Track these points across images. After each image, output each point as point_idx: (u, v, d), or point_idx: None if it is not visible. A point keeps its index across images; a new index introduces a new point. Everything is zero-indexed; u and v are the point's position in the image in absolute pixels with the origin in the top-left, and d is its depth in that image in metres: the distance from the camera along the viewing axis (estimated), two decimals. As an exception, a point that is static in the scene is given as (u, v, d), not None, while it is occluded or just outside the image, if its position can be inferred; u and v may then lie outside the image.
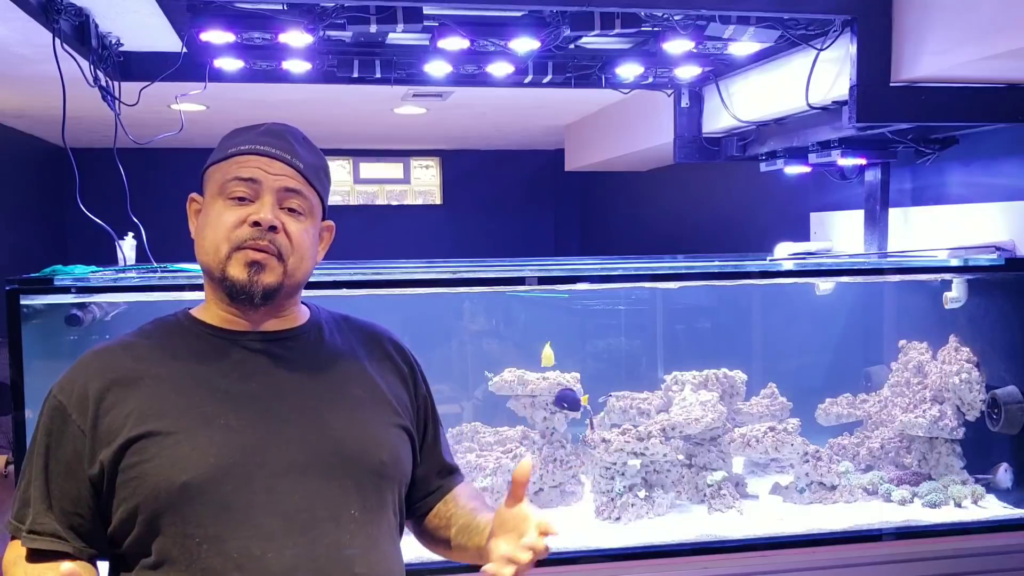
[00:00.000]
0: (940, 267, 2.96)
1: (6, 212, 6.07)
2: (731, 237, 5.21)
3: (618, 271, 2.88)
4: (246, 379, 1.42)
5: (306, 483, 1.37)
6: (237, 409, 1.39)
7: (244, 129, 1.51)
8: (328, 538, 1.36)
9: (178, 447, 1.33)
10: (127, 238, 2.80)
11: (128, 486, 1.33)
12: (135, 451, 1.33)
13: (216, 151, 1.49)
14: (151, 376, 1.39)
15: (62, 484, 1.37)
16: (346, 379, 1.50)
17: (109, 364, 1.41)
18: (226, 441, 1.35)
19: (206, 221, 1.44)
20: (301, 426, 1.41)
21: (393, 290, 2.70)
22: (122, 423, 1.35)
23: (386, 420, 1.50)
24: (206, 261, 1.44)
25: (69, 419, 1.37)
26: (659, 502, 2.84)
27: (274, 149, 1.45)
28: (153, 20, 2.56)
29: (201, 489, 1.32)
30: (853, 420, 3.31)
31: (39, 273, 2.36)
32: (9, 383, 2.27)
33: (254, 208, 1.41)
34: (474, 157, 8.08)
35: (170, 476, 1.32)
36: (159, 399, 1.37)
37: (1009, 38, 2.26)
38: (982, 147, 3.16)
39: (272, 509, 1.34)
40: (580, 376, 3.02)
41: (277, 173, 1.43)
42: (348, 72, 3.08)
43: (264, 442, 1.37)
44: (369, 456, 1.44)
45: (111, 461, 1.34)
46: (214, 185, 1.45)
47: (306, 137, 1.53)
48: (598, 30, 2.61)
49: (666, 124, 3.93)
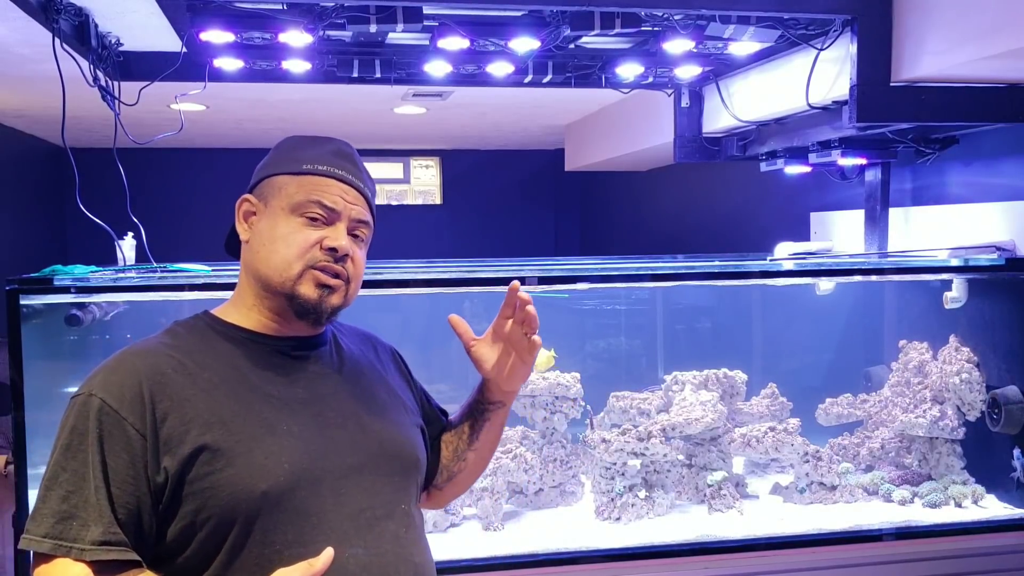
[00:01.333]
0: (940, 267, 2.96)
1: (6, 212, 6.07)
2: (731, 237, 5.21)
3: (618, 271, 2.88)
4: (292, 385, 1.45)
5: (363, 483, 1.42)
6: (292, 415, 1.41)
7: (311, 142, 1.51)
8: (389, 533, 1.42)
9: (252, 456, 1.33)
10: (127, 238, 2.80)
11: (199, 496, 1.30)
12: (204, 461, 1.31)
13: (282, 160, 1.49)
14: (203, 380, 1.38)
15: (119, 493, 1.30)
16: (371, 383, 1.56)
17: (156, 366, 1.37)
18: (293, 448, 1.37)
19: (275, 234, 1.44)
20: (348, 429, 1.45)
21: (393, 290, 2.70)
22: (184, 430, 1.32)
23: (408, 420, 1.59)
24: (269, 274, 1.44)
25: (124, 422, 1.31)
26: (659, 502, 2.84)
27: (350, 175, 1.49)
28: (153, 20, 2.56)
29: (280, 497, 1.33)
30: (853, 420, 3.31)
31: (39, 273, 2.36)
32: (9, 383, 2.27)
33: (329, 233, 1.44)
34: (474, 157, 8.08)
35: (249, 486, 1.31)
36: (218, 406, 1.36)
37: (1009, 38, 2.26)
38: (982, 147, 3.16)
39: (340, 511, 1.38)
40: (580, 376, 3.02)
41: (352, 203, 1.48)
42: (348, 72, 3.08)
43: (323, 446, 1.41)
44: (407, 454, 1.52)
45: (178, 470, 1.31)
46: (285, 199, 1.45)
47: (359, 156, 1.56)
48: (598, 30, 2.61)
49: (666, 124, 3.93)
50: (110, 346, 2.74)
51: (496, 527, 2.75)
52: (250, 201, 1.49)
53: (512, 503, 2.95)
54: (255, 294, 1.47)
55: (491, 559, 2.55)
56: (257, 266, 1.46)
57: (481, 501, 2.76)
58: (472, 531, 2.74)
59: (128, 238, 2.80)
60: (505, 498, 2.84)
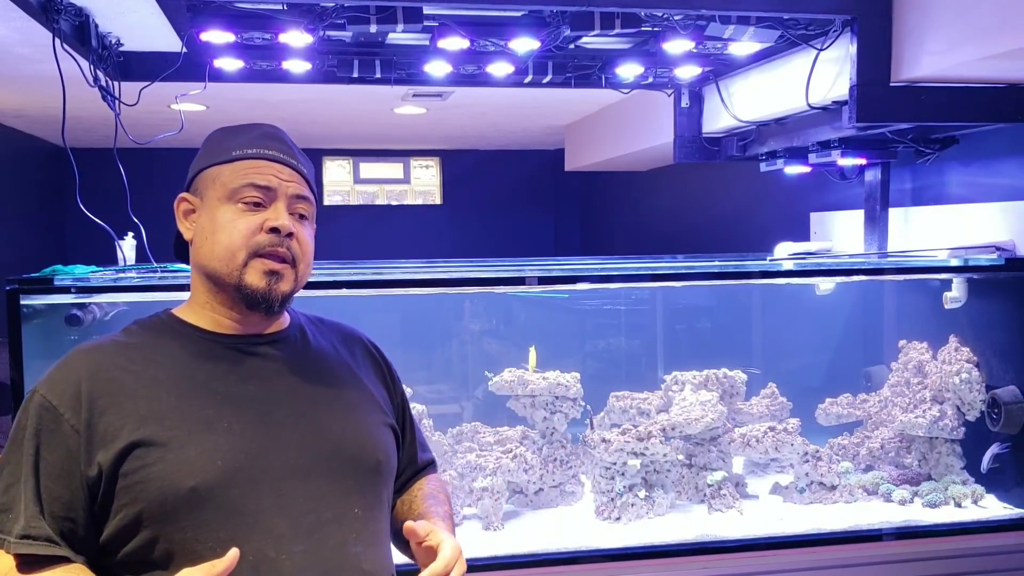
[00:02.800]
0: (940, 267, 2.96)
1: (6, 212, 6.07)
2: (731, 237, 5.21)
3: (618, 271, 2.88)
4: (243, 382, 1.42)
5: (309, 485, 1.38)
6: (237, 413, 1.38)
7: (236, 130, 1.50)
8: (334, 538, 1.37)
9: (183, 452, 1.32)
10: (127, 238, 2.80)
11: (130, 491, 1.30)
12: (137, 456, 1.30)
13: (212, 152, 1.47)
14: (147, 378, 1.37)
15: (52, 487, 1.31)
16: (336, 380, 1.51)
17: (101, 363, 1.38)
18: (231, 445, 1.35)
19: (215, 226, 1.42)
20: (299, 428, 1.41)
21: (393, 290, 2.70)
22: (120, 425, 1.32)
23: (377, 420, 1.53)
24: (215, 267, 1.42)
25: (61, 418, 1.32)
26: (659, 502, 2.84)
27: (281, 154, 1.46)
28: (153, 20, 2.56)
29: (210, 494, 1.31)
30: (853, 420, 3.31)
31: (39, 273, 2.36)
32: (9, 383, 2.27)
33: (269, 214, 1.42)
34: (474, 157, 8.09)
35: (177, 481, 1.30)
36: (157, 402, 1.35)
37: (1009, 38, 2.26)
38: (982, 147, 3.16)
39: (280, 512, 1.34)
40: (580, 376, 3.02)
41: (288, 180, 1.45)
42: (348, 72, 3.08)
43: (266, 445, 1.37)
44: (366, 456, 1.46)
45: (111, 465, 1.30)
46: (220, 188, 1.43)
47: (290, 138, 1.54)
48: (598, 30, 2.61)
49: (666, 124, 3.93)
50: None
51: (496, 527, 2.75)
52: (187, 200, 1.48)
53: (512, 503, 2.95)
54: (206, 291, 1.46)
55: (491, 559, 2.55)
56: (203, 261, 1.44)
57: (481, 501, 2.76)
58: (472, 531, 2.74)
59: (128, 238, 2.80)
60: (505, 498, 2.84)
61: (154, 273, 2.53)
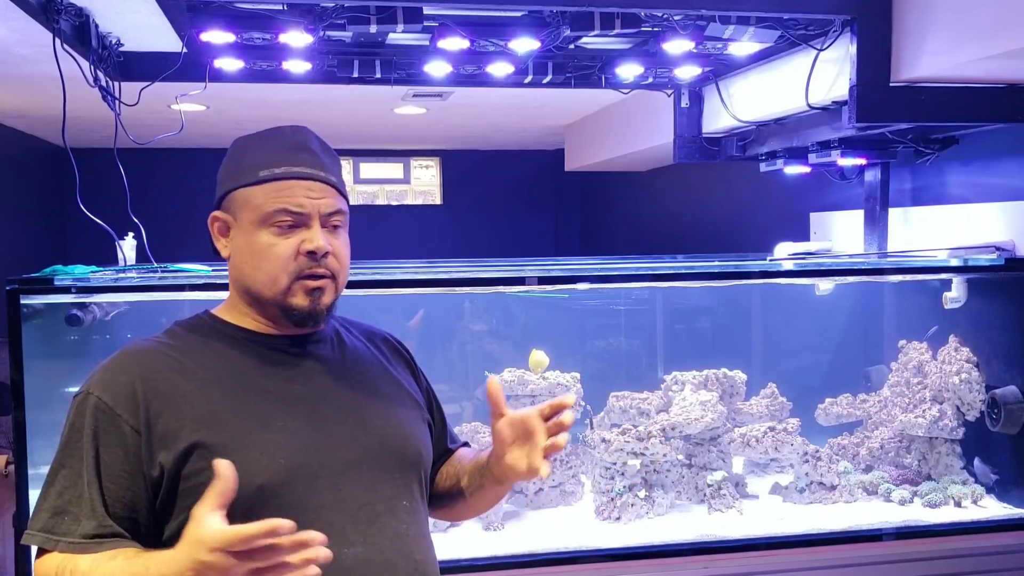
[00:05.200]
0: (940, 267, 2.96)
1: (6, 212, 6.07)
2: (731, 237, 5.21)
3: (618, 271, 2.88)
4: (289, 381, 1.45)
5: (363, 479, 1.43)
6: (288, 411, 1.41)
7: (260, 141, 1.48)
8: (390, 529, 1.43)
9: (246, 451, 1.34)
10: (127, 238, 2.80)
11: (194, 492, 1.29)
12: (199, 456, 1.32)
13: (237, 170, 1.46)
14: (198, 379, 1.39)
15: (113, 488, 1.32)
16: (374, 377, 1.56)
17: (152, 365, 1.39)
18: (289, 443, 1.38)
19: (252, 251, 1.43)
20: (347, 424, 1.45)
21: (393, 290, 2.70)
22: (178, 427, 1.34)
23: (414, 415, 1.58)
24: (259, 289, 1.44)
25: (119, 419, 1.33)
26: (659, 502, 2.84)
27: (308, 168, 1.45)
28: (153, 20, 2.56)
29: (276, 492, 1.34)
30: (853, 420, 3.31)
31: (39, 273, 2.36)
32: (9, 383, 2.27)
33: (306, 235, 1.43)
34: (474, 157, 8.08)
35: (244, 481, 1.29)
36: (212, 403, 1.37)
37: (1009, 38, 2.26)
38: (982, 147, 3.16)
39: (338, 507, 1.39)
40: (580, 376, 3.02)
41: (319, 197, 1.45)
42: (348, 72, 3.08)
43: (320, 442, 1.41)
44: (409, 450, 1.51)
45: (173, 466, 1.32)
46: (252, 212, 1.43)
47: (317, 136, 1.52)
48: (598, 30, 2.61)
49: (666, 124, 3.93)
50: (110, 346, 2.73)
51: (496, 527, 2.75)
52: (220, 218, 1.49)
53: (512, 503, 2.95)
54: (248, 303, 1.49)
55: (491, 559, 2.55)
56: (245, 282, 1.47)
57: (481, 501, 2.76)
58: (472, 531, 2.74)
59: (128, 238, 2.80)
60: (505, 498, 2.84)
61: (154, 273, 2.53)
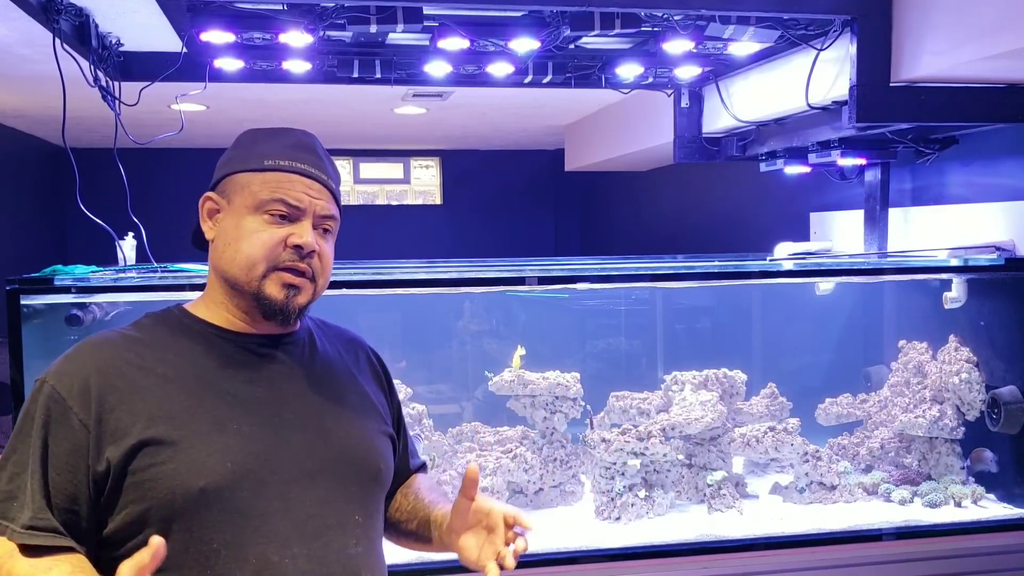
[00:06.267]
0: (940, 267, 2.96)
1: (6, 212, 6.07)
2: (731, 237, 5.21)
3: (618, 271, 2.88)
4: (251, 383, 1.43)
5: (315, 489, 1.40)
6: (246, 414, 1.39)
7: (269, 134, 1.49)
8: (337, 543, 1.39)
9: (194, 451, 1.32)
10: (127, 238, 2.80)
11: (138, 488, 1.31)
12: (147, 453, 1.31)
13: (244, 156, 1.47)
14: (157, 374, 1.38)
15: (58, 480, 1.31)
16: (341, 386, 1.53)
17: (110, 358, 1.38)
18: (240, 447, 1.36)
19: (239, 234, 1.43)
20: (306, 432, 1.43)
21: (393, 290, 2.70)
22: (130, 422, 1.32)
23: (377, 428, 1.55)
24: (235, 273, 1.43)
25: (69, 411, 1.32)
26: (659, 502, 2.84)
27: (313, 168, 1.46)
28: (153, 20, 2.56)
29: (219, 495, 1.32)
30: (853, 420, 3.31)
31: (39, 273, 2.36)
32: (9, 383, 2.27)
33: (295, 230, 1.42)
34: (474, 157, 8.08)
35: (187, 481, 1.30)
36: (168, 400, 1.36)
37: (1009, 38, 2.26)
38: (982, 147, 3.16)
39: (285, 515, 1.36)
40: (580, 376, 3.02)
41: (317, 197, 1.45)
42: (348, 72, 3.08)
43: (275, 448, 1.39)
44: (369, 463, 1.48)
45: (120, 461, 1.31)
46: (248, 197, 1.43)
47: (323, 147, 1.53)
48: (598, 30, 2.61)
49: (666, 124, 3.93)
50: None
51: (496, 527, 2.75)
52: (213, 199, 1.48)
53: (512, 503, 2.95)
54: (223, 291, 1.47)
55: (491, 559, 2.54)
56: (223, 266, 1.45)
57: (481, 501, 2.76)
58: (472, 531, 2.74)
59: (128, 238, 2.80)
60: (505, 498, 2.84)
61: (154, 273, 2.53)
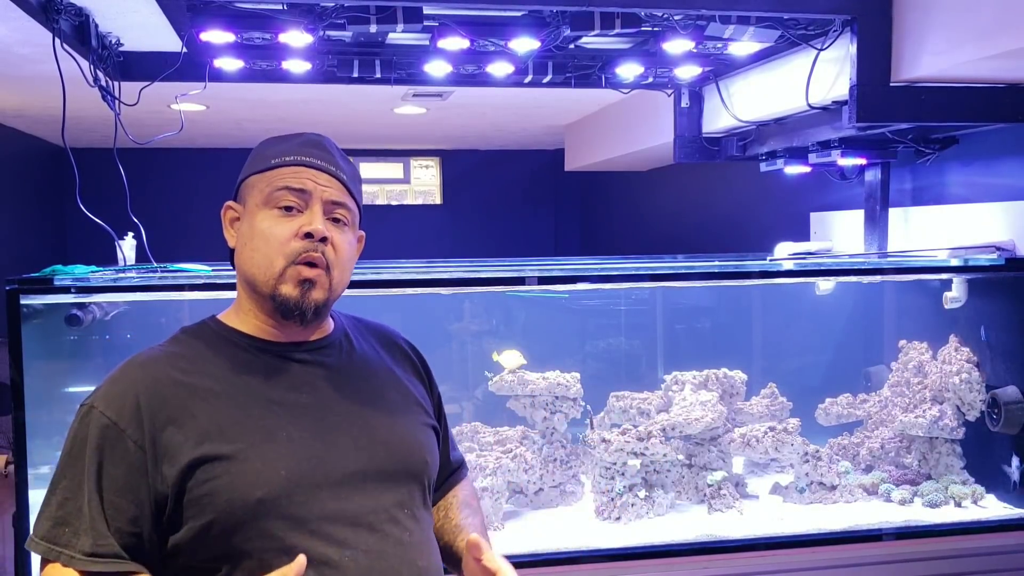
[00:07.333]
0: (940, 267, 2.96)
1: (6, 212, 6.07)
2: (731, 237, 5.21)
3: (618, 271, 2.88)
4: (295, 390, 1.45)
5: (366, 489, 1.42)
6: (292, 421, 1.41)
7: (280, 139, 1.52)
8: (392, 538, 1.43)
9: (248, 463, 1.34)
10: (127, 238, 2.80)
11: (198, 504, 1.32)
12: (203, 470, 1.33)
13: (255, 161, 1.50)
14: (203, 390, 1.39)
15: (118, 502, 1.33)
16: (381, 384, 1.55)
17: (157, 377, 1.39)
18: (292, 454, 1.38)
19: (253, 232, 1.44)
20: (351, 434, 1.45)
21: (393, 290, 2.70)
22: (182, 440, 1.34)
23: (420, 421, 1.58)
24: (255, 274, 1.44)
25: (123, 434, 1.34)
26: (659, 502, 2.84)
27: (319, 160, 1.47)
28: (153, 20, 2.56)
29: (276, 503, 1.34)
30: (853, 420, 3.31)
31: (39, 273, 2.36)
32: (9, 383, 2.27)
33: (304, 219, 1.44)
34: (474, 157, 8.08)
35: (244, 494, 1.32)
36: (218, 415, 1.37)
37: (1010, 38, 2.26)
38: (982, 147, 3.16)
39: (340, 516, 1.38)
40: (580, 376, 3.02)
41: (324, 184, 1.46)
42: (348, 72, 3.08)
43: (324, 452, 1.41)
44: (414, 458, 1.51)
45: (178, 479, 1.33)
46: (258, 195, 1.46)
47: (338, 147, 1.55)
48: (598, 30, 2.61)
49: (666, 124, 3.93)
50: (110, 346, 2.74)
51: (496, 527, 2.75)
52: (232, 207, 1.51)
53: (512, 503, 2.95)
54: (249, 298, 1.49)
55: (491, 559, 2.54)
56: (245, 268, 1.47)
57: (481, 501, 2.76)
58: (472, 531, 2.74)
59: (128, 238, 2.80)
60: (505, 498, 2.84)
61: (154, 273, 2.53)
